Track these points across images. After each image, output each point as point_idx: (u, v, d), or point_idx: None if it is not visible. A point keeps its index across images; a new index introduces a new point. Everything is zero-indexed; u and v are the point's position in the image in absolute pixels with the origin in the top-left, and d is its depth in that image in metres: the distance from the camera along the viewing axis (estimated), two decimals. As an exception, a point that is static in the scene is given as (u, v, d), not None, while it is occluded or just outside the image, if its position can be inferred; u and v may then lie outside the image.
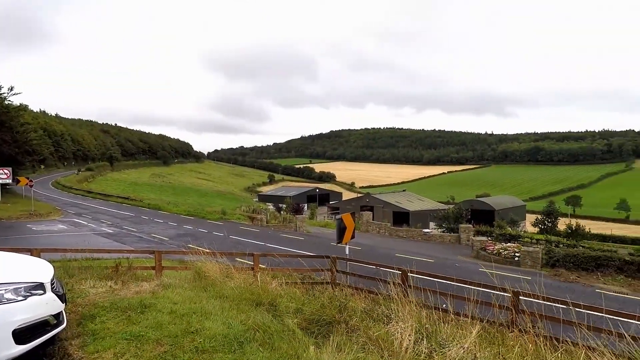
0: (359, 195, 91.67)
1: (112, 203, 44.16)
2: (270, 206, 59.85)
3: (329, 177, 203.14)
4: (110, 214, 33.25)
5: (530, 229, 60.75)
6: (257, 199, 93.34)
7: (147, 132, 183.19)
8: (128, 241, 19.93)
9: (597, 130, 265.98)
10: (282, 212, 47.29)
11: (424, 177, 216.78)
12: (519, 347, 3.95)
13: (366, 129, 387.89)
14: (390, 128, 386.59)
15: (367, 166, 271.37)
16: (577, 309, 7.82)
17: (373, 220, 43.49)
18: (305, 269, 9.91)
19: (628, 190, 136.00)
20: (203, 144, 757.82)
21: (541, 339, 4.72)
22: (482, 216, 57.36)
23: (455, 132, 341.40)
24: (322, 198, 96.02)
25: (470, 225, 31.29)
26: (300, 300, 4.77)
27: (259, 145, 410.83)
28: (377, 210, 60.09)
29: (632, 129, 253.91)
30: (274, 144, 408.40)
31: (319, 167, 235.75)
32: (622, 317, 7.76)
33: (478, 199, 77.06)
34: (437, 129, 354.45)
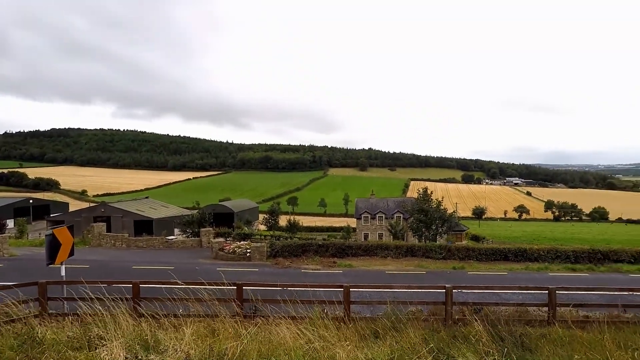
0: (93, 204, 77.64)
1: None
2: (-52, 226, 41.58)
3: (49, 185, 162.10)
4: None
5: (262, 227, 69.02)
6: None
7: None
8: None
9: (306, 145, 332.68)
10: (-32, 233, 33.88)
11: (169, 183, 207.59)
12: (224, 332, 4.40)
13: (102, 130, 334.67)
14: (132, 130, 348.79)
15: (103, 171, 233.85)
16: (289, 288, 9.56)
17: (109, 232, 37.88)
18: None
19: (326, 191, 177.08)
20: None
21: (239, 320, 5.46)
22: (224, 219, 60.53)
23: (199, 139, 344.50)
24: (39, 210, 75.50)
25: (211, 229, 32.34)
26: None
27: None
28: (116, 221, 52.73)
29: (327, 145, 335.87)
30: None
31: (34, 172, 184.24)
32: (316, 288, 10.14)
33: (220, 203, 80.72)
34: (182, 135, 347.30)
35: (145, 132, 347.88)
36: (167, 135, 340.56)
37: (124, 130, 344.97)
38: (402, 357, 4.42)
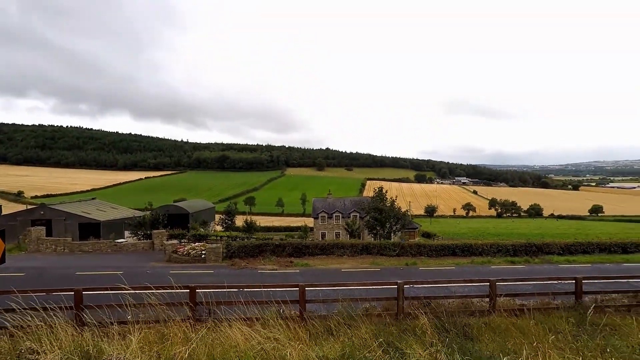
0: (31, 207, 71.31)
1: None
2: None
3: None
4: None
5: (218, 227, 67.31)
6: None
7: None
8: None
9: (264, 144, 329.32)
10: None
11: (119, 184, 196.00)
12: (173, 337, 4.25)
13: (41, 126, 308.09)
14: (76, 127, 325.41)
15: (42, 171, 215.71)
16: (245, 289, 9.41)
17: (49, 236, 35.01)
18: None
19: (283, 191, 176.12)
20: None
21: (191, 323, 5.31)
22: (179, 220, 58.18)
23: (152, 137, 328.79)
24: (-33, 214, 68.02)
25: (164, 230, 30.99)
26: None
27: None
28: (57, 224, 48.80)
29: (284, 145, 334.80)
30: None
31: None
32: (272, 288, 10.07)
33: (175, 203, 77.40)
34: (133, 133, 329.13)
35: (91, 129, 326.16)
36: (117, 132, 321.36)
37: (67, 126, 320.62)
38: (353, 353, 4.52)
